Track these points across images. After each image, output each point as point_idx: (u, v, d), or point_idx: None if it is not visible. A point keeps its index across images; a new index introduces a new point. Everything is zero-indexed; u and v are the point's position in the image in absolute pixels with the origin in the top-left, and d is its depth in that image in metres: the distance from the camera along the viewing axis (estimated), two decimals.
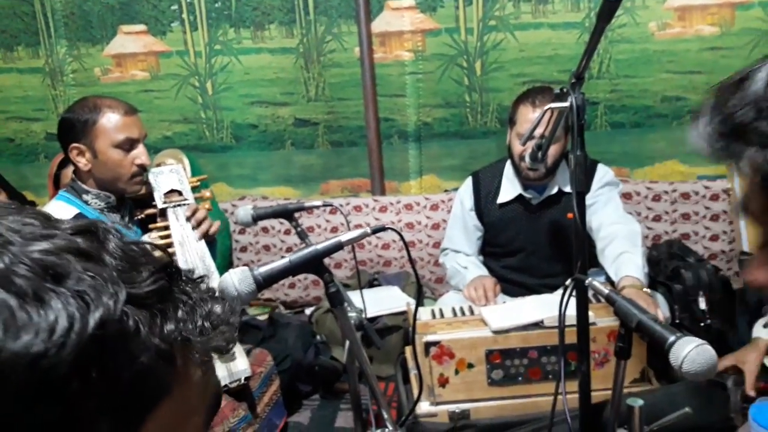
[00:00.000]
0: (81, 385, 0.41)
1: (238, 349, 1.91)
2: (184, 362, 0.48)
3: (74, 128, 1.87)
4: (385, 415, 1.28)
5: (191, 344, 0.48)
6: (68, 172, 2.60)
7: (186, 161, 2.76)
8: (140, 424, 0.45)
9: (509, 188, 2.37)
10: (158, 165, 2.24)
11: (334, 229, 3.15)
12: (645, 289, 1.97)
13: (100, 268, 0.44)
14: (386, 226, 1.32)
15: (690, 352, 1.06)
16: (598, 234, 2.17)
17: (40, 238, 0.45)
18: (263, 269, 1.19)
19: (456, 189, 2.74)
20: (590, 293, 1.95)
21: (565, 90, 1.43)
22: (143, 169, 1.95)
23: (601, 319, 1.89)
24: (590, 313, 1.61)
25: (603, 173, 2.31)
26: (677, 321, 2.45)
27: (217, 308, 0.52)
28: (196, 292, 0.51)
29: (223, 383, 1.84)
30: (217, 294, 0.54)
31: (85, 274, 0.43)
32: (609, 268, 2.07)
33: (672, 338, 1.10)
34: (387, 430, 1.25)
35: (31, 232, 0.45)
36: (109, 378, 0.42)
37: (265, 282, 1.19)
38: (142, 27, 3.30)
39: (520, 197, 2.35)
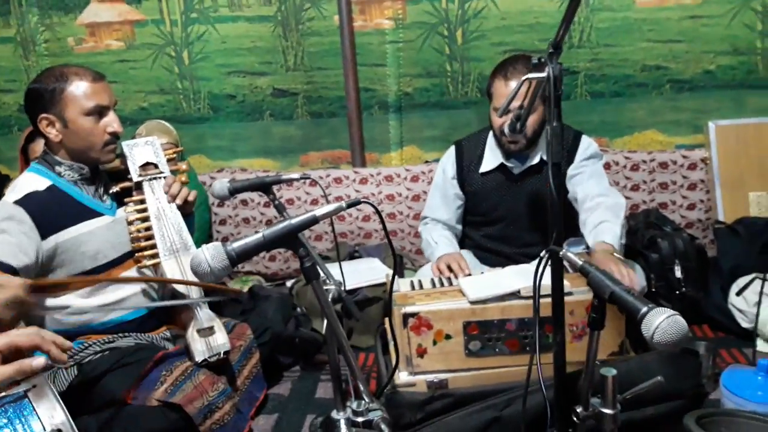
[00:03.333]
0: None
1: (217, 324, 1.91)
2: None
3: (42, 98, 1.84)
4: (362, 387, 1.29)
5: None
6: (36, 146, 2.56)
7: (174, 133, 2.72)
8: None
9: (491, 157, 2.37)
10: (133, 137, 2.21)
11: (315, 202, 3.14)
12: (617, 255, 1.98)
13: None
14: (361, 200, 1.31)
15: (661, 323, 1.07)
16: (583, 205, 2.18)
17: None
18: (236, 244, 1.18)
19: (437, 160, 2.73)
20: (565, 263, 1.97)
21: (542, 60, 1.41)
22: (116, 137, 1.92)
23: (578, 289, 1.91)
24: (566, 283, 1.62)
25: (587, 145, 2.31)
26: (653, 290, 2.49)
27: None
28: None
29: (202, 357, 1.84)
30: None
31: None
32: (588, 235, 2.09)
33: (644, 309, 1.11)
34: (364, 401, 1.26)
35: None
36: None
37: (239, 257, 1.18)
38: None
39: (502, 166, 2.35)
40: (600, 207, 2.14)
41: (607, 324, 1.83)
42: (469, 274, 2.14)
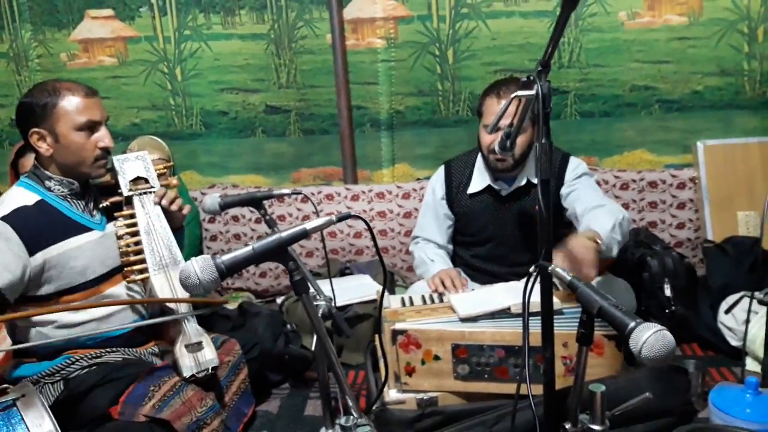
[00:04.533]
0: None
1: (206, 339, 1.90)
2: None
3: (33, 113, 1.83)
4: (351, 404, 1.28)
5: None
6: (26, 161, 2.56)
7: (167, 149, 2.72)
8: None
9: (479, 179, 2.38)
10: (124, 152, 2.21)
11: (306, 218, 3.14)
12: (598, 241, 1.91)
13: None
14: (352, 214, 1.31)
15: (649, 338, 1.08)
16: (583, 217, 2.16)
17: None
18: (226, 257, 1.18)
19: (428, 178, 2.74)
20: (555, 280, 1.97)
21: (531, 78, 1.43)
22: (107, 152, 1.92)
23: (569, 308, 1.90)
24: (556, 300, 1.62)
25: (575, 165, 2.33)
26: (643, 308, 2.49)
27: None
28: None
29: (190, 373, 1.83)
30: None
31: None
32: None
33: (632, 324, 1.11)
34: (353, 417, 1.25)
35: None
36: None
37: (228, 270, 1.18)
38: (109, 12, 3.24)
39: (489, 188, 2.36)
40: (599, 210, 2.12)
41: (602, 361, 1.85)
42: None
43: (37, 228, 1.81)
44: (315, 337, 1.89)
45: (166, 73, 3.27)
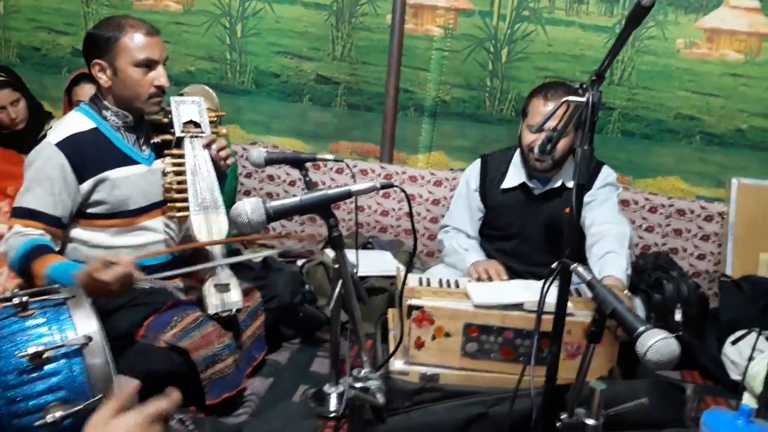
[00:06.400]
0: None
1: (234, 283, 1.99)
2: None
3: (98, 44, 1.93)
4: (364, 357, 1.36)
5: None
6: (80, 89, 2.66)
7: (216, 100, 2.81)
8: None
9: (514, 175, 2.44)
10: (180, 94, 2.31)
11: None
12: (625, 291, 2.05)
13: None
14: (394, 184, 1.39)
15: (656, 343, 1.15)
16: (589, 230, 2.25)
17: None
18: (275, 203, 1.27)
19: (462, 169, 2.80)
20: (572, 288, 2.04)
21: (584, 86, 1.49)
22: (162, 91, 2.00)
23: (579, 312, 1.97)
24: (569, 305, 1.69)
25: (606, 174, 2.38)
26: None
27: None
28: None
29: (215, 311, 1.93)
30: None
31: None
32: (594, 265, 2.15)
33: (641, 328, 1.18)
34: (364, 370, 1.33)
35: None
36: None
37: (275, 215, 1.27)
38: None
39: (523, 185, 2.42)
40: (606, 236, 2.20)
41: (599, 349, 1.91)
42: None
43: (89, 155, 1.92)
44: (333, 299, 1.99)
45: (227, 27, 3.36)
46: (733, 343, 2.35)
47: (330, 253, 2.73)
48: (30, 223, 1.87)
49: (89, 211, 1.96)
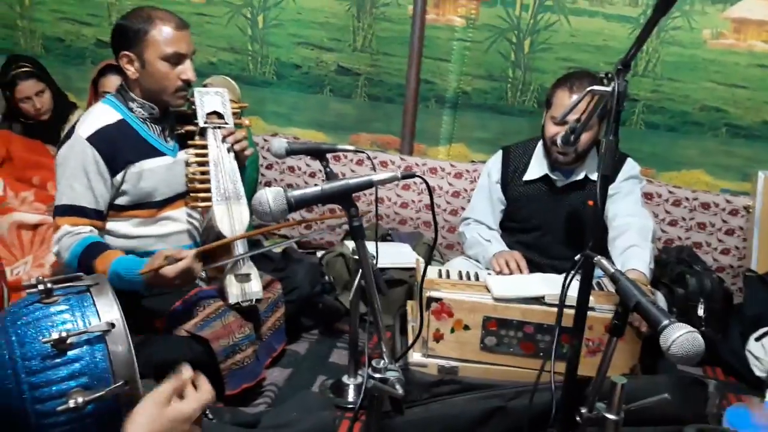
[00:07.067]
0: None
1: (254, 273, 2.00)
2: None
3: (126, 36, 1.93)
4: (384, 349, 1.36)
5: None
6: (106, 80, 2.68)
7: (238, 91, 2.82)
8: None
9: (537, 167, 2.42)
10: (204, 86, 2.32)
11: None
12: (648, 286, 2.03)
13: None
14: (416, 174, 1.38)
15: (680, 337, 1.13)
16: (612, 223, 2.22)
17: None
18: (296, 192, 1.27)
19: (483, 161, 2.78)
20: (594, 282, 2.02)
21: (610, 76, 1.47)
22: (188, 85, 2.01)
23: (600, 306, 1.95)
24: (591, 298, 1.67)
25: (630, 167, 2.35)
26: None
27: None
28: None
29: (235, 300, 1.94)
30: None
31: None
32: (617, 258, 2.13)
33: (666, 321, 1.17)
34: (383, 361, 1.33)
35: None
36: None
37: (296, 205, 1.27)
38: None
39: (546, 177, 2.40)
40: (630, 229, 2.17)
41: (622, 346, 1.89)
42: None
43: (118, 148, 1.94)
44: (352, 291, 1.99)
45: (248, 18, 3.37)
46: (758, 339, 2.32)
47: (350, 243, 2.74)
48: (77, 221, 1.90)
49: (116, 202, 1.98)
